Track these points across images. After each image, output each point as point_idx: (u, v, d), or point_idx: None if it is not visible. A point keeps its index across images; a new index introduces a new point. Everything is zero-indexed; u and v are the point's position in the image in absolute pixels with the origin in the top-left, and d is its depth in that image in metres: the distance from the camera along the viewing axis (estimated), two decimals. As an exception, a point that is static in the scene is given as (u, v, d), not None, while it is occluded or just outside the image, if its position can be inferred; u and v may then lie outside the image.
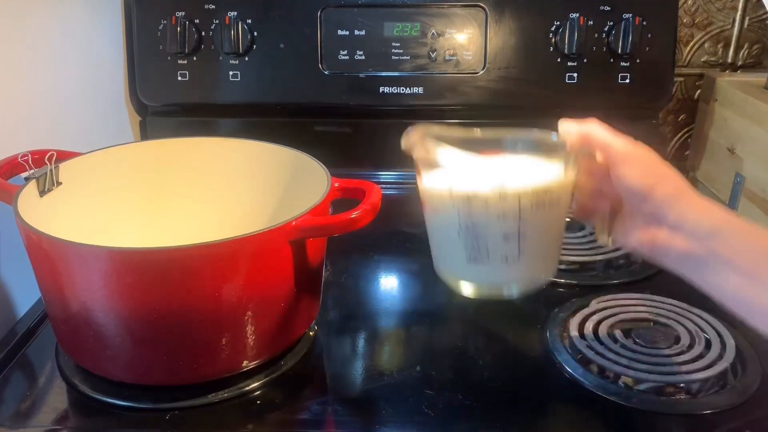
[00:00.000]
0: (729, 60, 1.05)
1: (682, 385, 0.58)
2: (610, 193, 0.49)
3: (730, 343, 0.62)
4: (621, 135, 0.48)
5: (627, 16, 0.92)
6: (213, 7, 0.93)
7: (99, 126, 0.93)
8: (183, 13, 0.93)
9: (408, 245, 0.84)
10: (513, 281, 0.52)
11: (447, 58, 0.95)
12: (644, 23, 0.92)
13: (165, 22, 0.93)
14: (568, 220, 0.55)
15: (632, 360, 0.60)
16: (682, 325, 0.65)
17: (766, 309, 0.43)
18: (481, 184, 0.48)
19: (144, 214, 0.73)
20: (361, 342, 0.66)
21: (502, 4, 0.93)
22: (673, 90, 1.05)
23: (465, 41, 0.94)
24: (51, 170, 0.63)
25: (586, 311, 0.67)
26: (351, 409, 0.58)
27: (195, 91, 0.96)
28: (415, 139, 0.51)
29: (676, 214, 0.46)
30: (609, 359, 0.60)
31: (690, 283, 0.48)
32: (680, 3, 0.99)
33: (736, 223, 0.46)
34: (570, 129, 0.49)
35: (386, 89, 0.95)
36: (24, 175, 0.63)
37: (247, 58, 0.94)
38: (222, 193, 0.74)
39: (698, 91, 1.06)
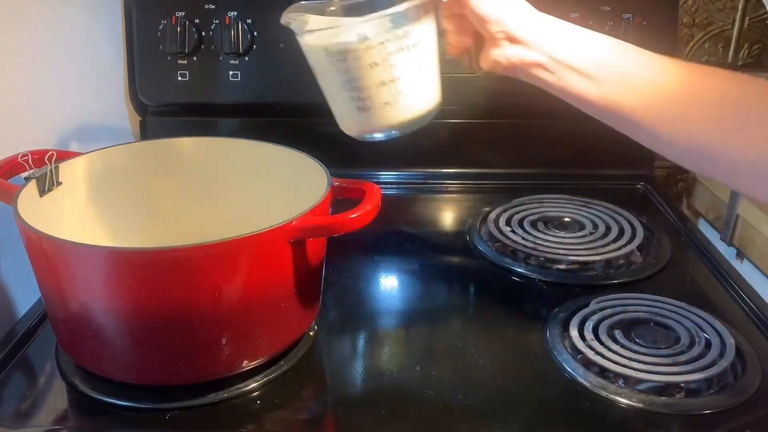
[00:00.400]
0: (729, 60, 1.05)
1: (682, 385, 0.58)
2: (471, 28, 0.57)
3: (730, 342, 0.62)
4: None
5: (627, 16, 0.92)
6: (213, 7, 0.93)
7: (99, 126, 0.92)
8: (183, 13, 0.93)
9: (408, 245, 0.84)
10: (402, 119, 0.57)
11: (447, 58, 0.94)
12: (644, 23, 0.92)
13: (165, 22, 0.93)
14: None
15: (632, 360, 0.60)
16: (682, 325, 0.65)
17: (607, 106, 0.52)
18: (348, 39, 0.54)
19: (144, 214, 0.73)
20: (361, 342, 0.66)
21: (502, 4, 0.93)
22: (673, 90, 1.05)
23: (465, 41, 0.94)
24: (51, 170, 0.63)
25: (586, 311, 0.67)
26: (351, 409, 0.58)
27: (195, 91, 0.96)
28: (291, 13, 0.57)
29: (521, 31, 0.53)
30: (609, 359, 0.60)
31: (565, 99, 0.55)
32: (680, 3, 0.99)
33: (575, 32, 0.53)
34: None
35: (386, 89, 0.95)
36: (24, 175, 0.64)
37: (247, 58, 0.94)
38: (222, 193, 0.74)
39: (698, 91, 1.06)
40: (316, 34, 0.56)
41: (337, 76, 0.55)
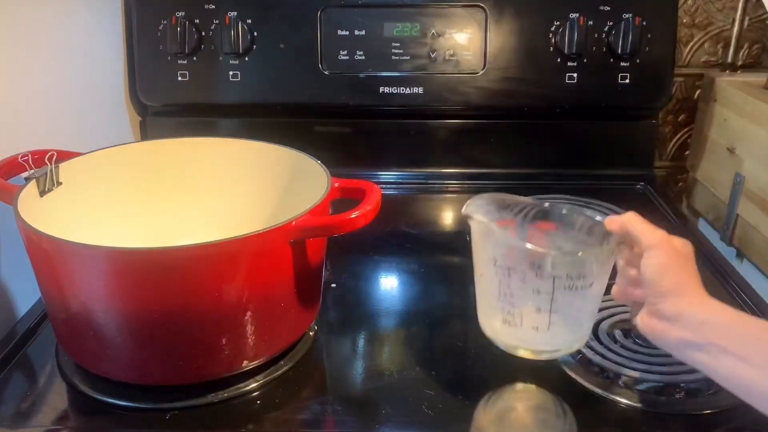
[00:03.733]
0: (729, 60, 1.05)
1: (682, 385, 0.58)
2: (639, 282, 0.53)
3: (730, 343, 0.62)
4: (656, 227, 0.52)
5: (627, 16, 0.92)
6: (213, 7, 0.93)
7: (99, 126, 0.93)
8: (183, 13, 0.93)
9: (408, 245, 0.84)
10: (542, 347, 0.57)
11: (447, 58, 0.95)
12: (644, 23, 0.92)
13: (165, 22, 0.93)
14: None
15: (632, 360, 0.60)
16: (682, 325, 0.65)
17: (761, 388, 0.47)
18: (521, 261, 0.53)
19: (144, 214, 0.73)
20: (361, 342, 0.66)
21: (502, 4, 0.93)
22: (673, 90, 1.05)
23: (465, 41, 0.94)
24: (51, 170, 0.63)
25: (586, 311, 0.67)
26: (351, 409, 0.58)
27: (195, 91, 0.96)
28: (473, 209, 0.56)
29: (672, 308, 0.49)
30: (609, 359, 0.60)
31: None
32: (680, 3, 0.99)
33: (727, 312, 0.49)
34: (613, 220, 0.54)
35: (386, 89, 0.95)
36: (24, 175, 0.64)
37: (247, 58, 0.94)
38: (222, 193, 0.74)
39: (698, 91, 1.06)
40: (492, 240, 0.55)
41: (496, 285, 0.55)
